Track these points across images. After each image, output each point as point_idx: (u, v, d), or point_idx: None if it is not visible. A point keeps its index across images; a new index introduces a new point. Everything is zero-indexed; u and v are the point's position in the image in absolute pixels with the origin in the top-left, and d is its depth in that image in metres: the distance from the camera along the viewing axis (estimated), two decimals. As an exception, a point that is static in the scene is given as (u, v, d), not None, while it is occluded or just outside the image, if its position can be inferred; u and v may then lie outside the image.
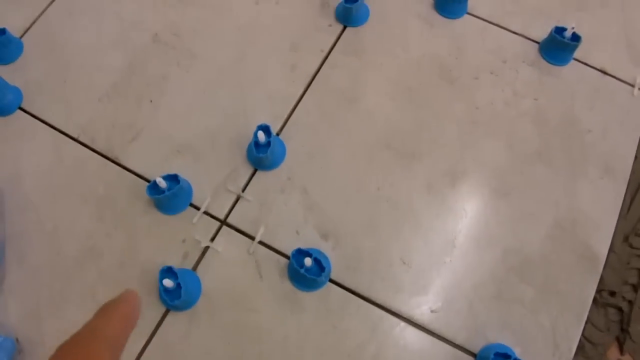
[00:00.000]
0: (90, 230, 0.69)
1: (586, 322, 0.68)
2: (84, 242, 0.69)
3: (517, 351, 0.64)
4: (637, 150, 0.75)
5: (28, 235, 0.70)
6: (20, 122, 0.76)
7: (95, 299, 0.66)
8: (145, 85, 0.77)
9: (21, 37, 0.82)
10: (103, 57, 0.80)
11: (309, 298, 0.65)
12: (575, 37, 0.76)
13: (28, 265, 0.68)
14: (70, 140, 0.74)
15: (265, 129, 0.68)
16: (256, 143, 0.68)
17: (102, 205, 0.71)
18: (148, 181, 0.71)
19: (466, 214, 0.70)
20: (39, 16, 0.84)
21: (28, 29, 0.83)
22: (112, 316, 0.33)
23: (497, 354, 0.61)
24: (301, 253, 0.63)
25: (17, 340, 0.64)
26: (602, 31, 0.82)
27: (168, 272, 0.63)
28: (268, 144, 0.68)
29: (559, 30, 0.77)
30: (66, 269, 0.68)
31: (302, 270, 0.62)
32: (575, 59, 0.80)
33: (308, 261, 0.62)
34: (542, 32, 0.80)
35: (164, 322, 0.65)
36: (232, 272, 0.67)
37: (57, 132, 0.75)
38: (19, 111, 0.77)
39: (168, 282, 0.61)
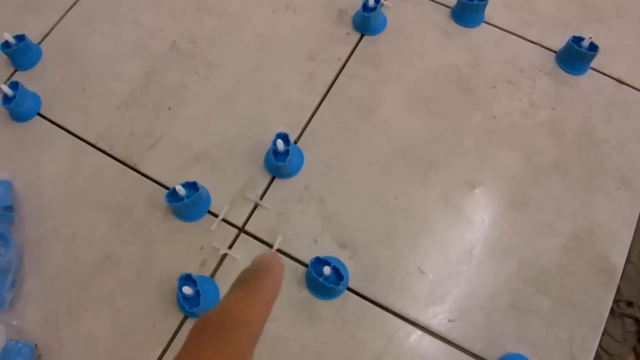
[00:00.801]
0: (108, 238, 0.70)
1: (603, 333, 0.68)
2: (101, 249, 0.69)
3: (534, 362, 0.64)
4: (653, 161, 0.75)
5: (46, 243, 0.70)
6: (38, 128, 0.77)
7: (113, 306, 0.66)
8: (163, 93, 0.78)
9: (40, 43, 0.83)
10: (121, 64, 0.80)
11: (326, 307, 0.66)
12: (593, 47, 0.76)
13: (46, 273, 0.69)
14: (89, 147, 0.75)
15: (284, 137, 0.68)
16: (275, 151, 0.68)
17: (120, 212, 0.71)
18: (166, 189, 0.71)
19: (483, 224, 0.70)
20: (58, 22, 0.84)
21: (47, 35, 0.83)
22: (257, 294, 0.29)
23: (514, 365, 0.62)
24: (320, 261, 0.64)
25: (35, 346, 0.65)
26: (619, 41, 0.82)
27: (187, 279, 0.63)
28: (287, 152, 0.68)
29: (577, 40, 0.77)
30: (84, 277, 0.68)
31: (321, 279, 0.62)
32: (593, 69, 0.80)
33: (327, 269, 0.62)
34: (559, 42, 0.80)
35: (182, 330, 0.65)
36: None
37: (75, 139, 0.76)
38: (37, 117, 0.77)
39: (187, 290, 0.61)
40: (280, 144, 0.67)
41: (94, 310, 0.67)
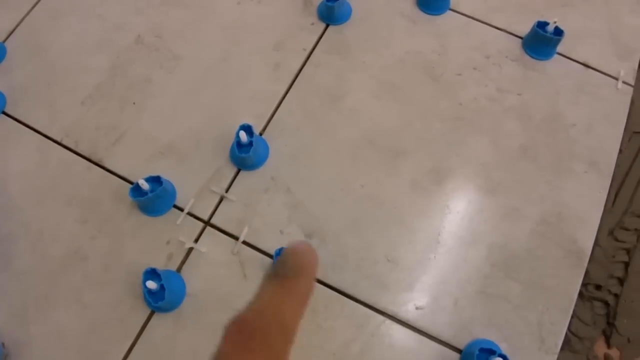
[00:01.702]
0: (75, 234, 0.69)
1: (572, 317, 0.68)
2: (69, 245, 0.69)
3: (503, 347, 0.64)
4: (621, 144, 0.75)
5: (13, 239, 0.70)
6: (4, 126, 0.76)
7: (81, 301, 0.66)
8: (128, 87, 0.77)
9: (4, 41, 0.82)
10: (86, 59, 0.79)
11: (293, 297, 0.65)
12: (558, 32, 0.76)
13: (13, 269, 0.68)
14: (55, 144, 0.74)
15: (247, 128, 0.68)
16: (238, 143, 0.68)
17: (86, 208, 0.71)
18: (132, 183, 0.71)
19: (451, 211, 0.70)
20: (22, 19, 0.84)
21: (11, 32, 0.83)
22: (294, 293, 0.27)
23: (482, 350, 0.62)
24: (284, 252, 0.63)
25: (3, 344, 0.65)
26: (586, 25, 0.82)
27: (152, 273, 0.63)
28: (250, 143, 0.68)
29: (542, 25, 0.77)
30: (52, 272, 0.68)
31: (286, 270, 0.62)
32: (559, 54, 0.80)
33: (291, 260, 0.62)
34: (525, 28, 0.80)
35: (149, 324, 0.65)
36: (217, 272, 0.67)
37: (41, 136, 0.75)
38: (2, 116, 0.77)
39: (151, 284, 0.61)
40: (243, 135, 0.67)
41: (62, 306, 0.66)
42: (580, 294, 0.70)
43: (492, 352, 0.61)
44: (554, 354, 0.65)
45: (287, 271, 0.28)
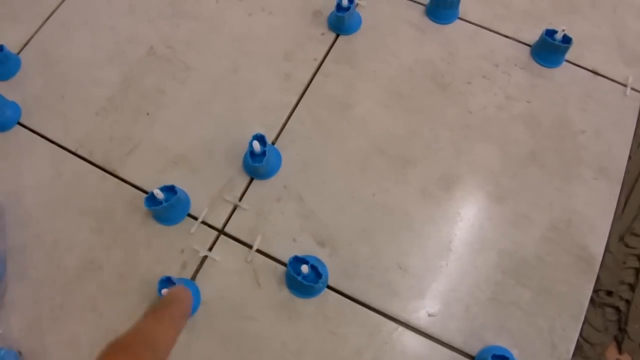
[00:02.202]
0: (89, 243, 0.70)
1: (584, 323, 0.68)
2: (83, 255, 0.70)
3: (514, 353, 0.64)
4: (630, 150, 0.76)
5: (29, 250, 0.71)
6: (19, 137, 0.77)
7: (96, 311, 0.67)
8: (141, 99, 0.78)
9: (19, 53, 0.83)
10: (99, 71, 0.81)
11: (306, 305, 0.66)
12: (566, 39, 0.76)
13: (29, 279, 0.69)
14: (69, 154, 0.75)
15: (261, 138, 0.69)
16: (252, 153, 0.69)
17: (101, 218, 0.72)
18: (146, 193, 0.72)
19: (461, 218, 0.71)
20: (36, 32, 0.85)
21: (25, 44, 0.84)
22: (163, 320, 0.32)
23: (494, 356, 0.62)
24: (298, 260, 0.64)
25: (20, 353, 0.65)
26: (594, 32, 0.82)
27: (167, 282, 0.64)
28: (263, 153, 0.69)
29: (550, 33, 0.77)
30: (67, 282, 0.69)
31: (300, 278, 0.63)
32: (567, 61, 0.80)
33: (305, 268, 0.63)
34: (533, 35, 0.81)
35: (164, 332, 0.66)
36: (231, 280, 0.67)
37: (55, 147, 0.76)
38: (17, 126, 0.78)
39: (166, 292, 0.62)
40: (256, 145, 0.68)
41: (77, 315, 0.67)
42: (592, 300, 0.70)
43: (505, 358, 0.62)
44: (565, 360, 0.65)
45: (160, 304, 0.32)
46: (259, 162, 0.68)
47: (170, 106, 0.78)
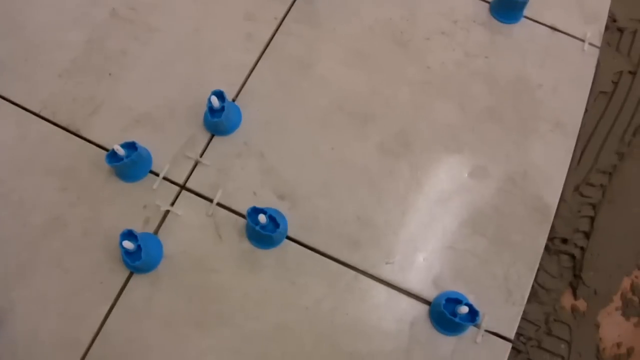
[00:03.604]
0: (54, 202, 0.71)
1: (539, 270, 0.71)
2: (48, 213, 0.71)
3: (470, 298, 0.66)
4: (587, 104, 0.77)
5: (-6, 209, 0.72)
6: (-17, 101, 0.78)
7: (61, 266, 0.68)
8: (104, 60, 0.79)
9: (-18, 18, 0.83)
10: (63, 34, 0.81)
11: (267, 256, 0.68)
12: (524, -5, 0.78)
13: (-5, 238, 0.70)
14: (33, 116, 0.76)
15: (219, 94, 0.70)
16: (211, 108, 0.70)
17: (65, 177, 0.72)
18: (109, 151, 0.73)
19: (418, 171, 0.72)
20: (0, -3, 0.85)
21: (-12, 10, 0.84)
22: None
23: (448, 300, 0.64)
24: (256, 211, 0.65)
25: (-13, 308, 0.67)
26: (552, -11, 0.84)
27: (128, 235, 0.65)
28: (222, 109, 0.70)
29: (508, -11, 0.78)
30: (32, 240, 0.70)
31: (258, 227, 0.64)
32: (526, 17, 0.82)
33: (262, 218, 0.64)
34: (492, -7, 0.82)
35: (128, 286, 0.67)
36: (193, 234, 0.69)
37: (19, 109, 0.77)
38: (-18, 90, 0.78)
39: (128, 244, 0.63)
40: (214, 100, 0.69)
41: (43, 272, 0.68)
42: (547, 248, 0.72)
43: (459, 301, 0.64)
44: (520, 306, 0.67)
45: None
46: (217, 117, 0.69)
47: (133, 67, 0.78)
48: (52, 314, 0.67)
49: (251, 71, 0.77)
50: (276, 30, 0.80)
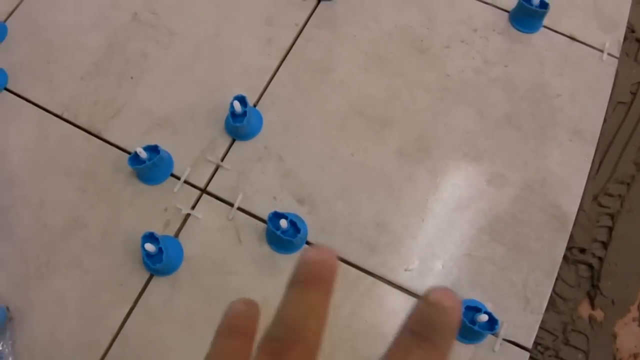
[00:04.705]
0: (75, 203, 0.72)
1: (557, 279, 0.70)
2: (69, 214, 0.71)
3: (489, 306, 0.66)
4: (606, 114, 0.77)
5: (15, 210, 0.72)
6: (5, 102, 0.78)
7: (81, 267, 0.69)
8: (125, 63, 0.80)
9: (5, 20, 0.84)
10: (84, 37, 0.82)
11: (286, 260, 0.68)
12: (544, 5, 0.78)
13: (16, 238, 0.71)
14: (55, 118, 0.77)
15: (241, 99, 0.70)
16: (233, 113, 0.70)
17: (86, 178, 0.73)
18: (130, 154, 0.73)
19: (437, 177, 0.72)
20: (22, 0, 0.86)
21: (11, 13, 0.85)
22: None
23: (468, 308, 0.64)
24: (277, 216, 0.66)
25: (7, 308, 0.67)
26: (571, -1, 0.84)
27: (150, 237, 0.65)
28: (244, 113, 0.70)
29: (527, -2, 0.79)
30: (52, 240, 0.70)
31: (279, 232, 0.65)
32: (545, 27, 0.82)
33: (283, 223, 0.64)
34: (511, 1, 0.82)
35: (148, 288, 0.68)
36: (213, 237, 0.69)
37: (41, 111, 0.77)
38: (4, 92, 0.79)
39: (150, 247, 0.64)
40: (237, 105, 0.69)
41: (62, 272, 0.69)
42: (565, 257, 0.72)
43: (478, 310, 0.64)
44: (538, 314, 0.67)
45: (433, 332, 0.24)
46: (239, 122, 0.70)
47: (153, 70, 0.79)
48: (71, 315, 0.67)
49: (272, 77, 0.78)
50: (297, 36, 0.80)
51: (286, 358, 0.24)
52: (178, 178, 0.72)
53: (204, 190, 0.72)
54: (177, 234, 0.70)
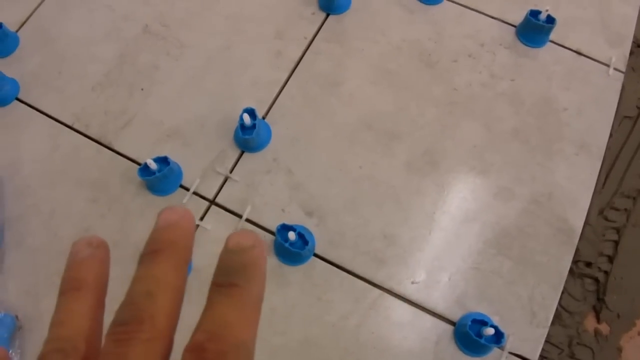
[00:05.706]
0: (85, 213, 0.73)
1: (563, 292, 0.71)
2: (79, 224, 0.72)
3: (495, 320, 0.66)
4: (612, 128, 0.78)
5: (26, 219, 0.73)
6: (17, 112, 0.79)
7: (91, 277, 0.69)
8: (136, 74, 0.80)
9: (17, 31, 0.85)
10: (96, 48, 0.83)
11: (294, 272, 0.68)
12: (550, 20, 0.78)
13: (27, 247, 0.71)
14: (66, 128, 0.78)
15: (251, 112, 0.71)
16: (242, 125, 0.71)
17: (96, 188, 0.74)
18: (140, 165, 0.74)
19: (444, 190, 0.73)
20: (34, 11, 0.87)
21: (23, 23, 0.86)
22: (248, 308, 0.23)
23: (474, 321, 0.64)
24: (285, 228, 0.66)
25: (17, 317, 0.68)
26: (578, 13, 0.84)
27: (159, 248, 0.66)
28: (253, 126, 0.71)
29: (534, 14, 0.79)
30: (62, 250, 0.71)
31: (287, 244, 0.65)
32: (552, 41, 0.82)
33: (292, 235, 0.65)
34: (518, 16, 0.83)
35: (157, 298, 0.68)
36: (221, 249, 0.70)
37: (53, 121, 0.78)
38: (16, 102, 0.80)
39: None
40: (246, 118, 0.70)
41: (72, 282, 0.69)
42: (571, 271, 0.72)
43: (484, 323, 0.64)
44: (544, 328, 0.68)
45: (236, 275, 0.23)
46: (249, 134, 0.71)
47: (164, 82, 0.80)
48: (80, 324, 0.67)
49: (281, 89, 0.78)
50: (306, 49, 0.81)
51: (132, 342, 0.21)
52: (187, 189, 0.73)
53: (212, 202, 0.72)
54: (186, 245, 0.70)
